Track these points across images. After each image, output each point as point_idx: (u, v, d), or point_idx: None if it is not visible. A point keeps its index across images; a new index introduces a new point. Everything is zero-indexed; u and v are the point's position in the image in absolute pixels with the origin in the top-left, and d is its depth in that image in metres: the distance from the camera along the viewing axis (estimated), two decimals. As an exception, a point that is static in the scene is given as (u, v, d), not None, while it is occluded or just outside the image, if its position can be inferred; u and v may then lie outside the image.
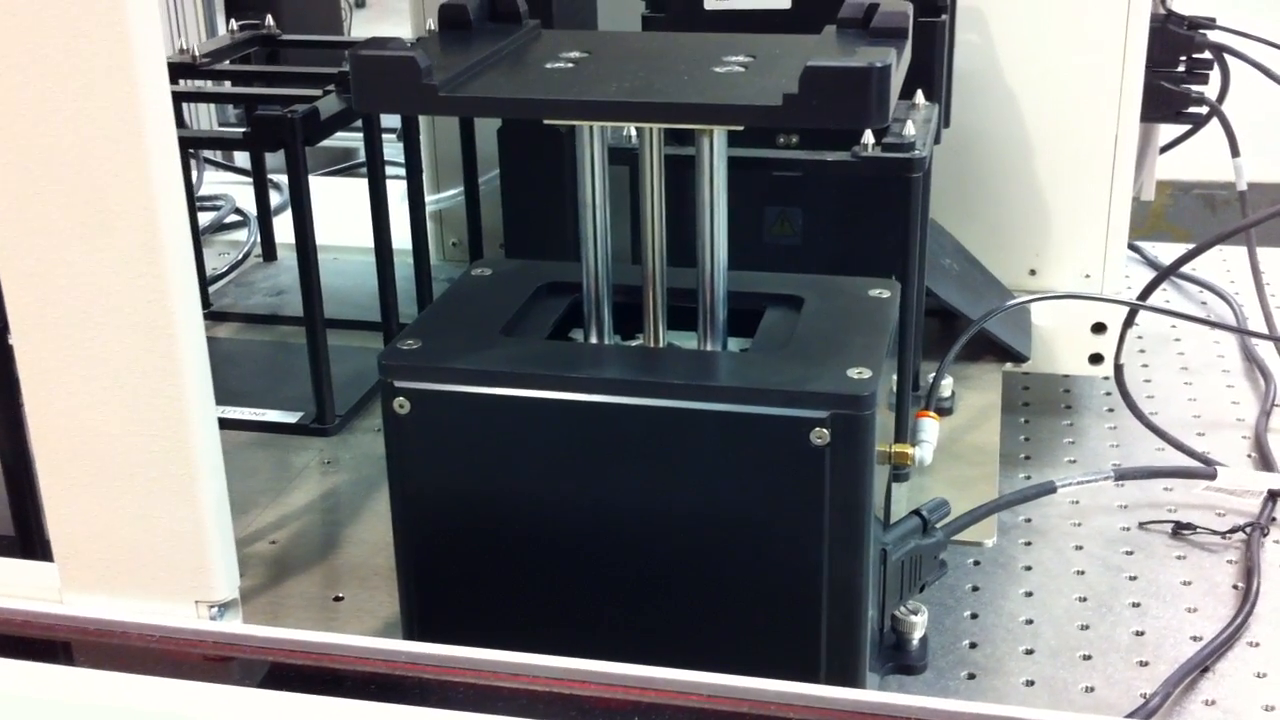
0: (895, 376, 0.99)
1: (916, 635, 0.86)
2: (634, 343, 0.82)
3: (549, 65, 0.75)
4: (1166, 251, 1.59)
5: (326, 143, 1.59)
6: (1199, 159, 1.58)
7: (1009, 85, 1.24)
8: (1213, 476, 1.08)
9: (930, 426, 1.06)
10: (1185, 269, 1.51)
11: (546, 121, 0.74)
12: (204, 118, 3.08)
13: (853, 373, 0.72)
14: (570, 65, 0.75)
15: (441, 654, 0.70)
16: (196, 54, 1.31)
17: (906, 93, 1.06)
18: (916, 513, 0.84)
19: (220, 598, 0.72)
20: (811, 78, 0.65)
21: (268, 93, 1.24)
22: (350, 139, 1.83)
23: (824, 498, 0.71)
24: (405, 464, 0.76)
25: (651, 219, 0.77)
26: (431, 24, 1.34)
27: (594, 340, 0.79)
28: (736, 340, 0.80)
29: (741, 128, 0.70)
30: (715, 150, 0.74)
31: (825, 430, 0.70)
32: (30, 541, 0.81)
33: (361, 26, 3.77)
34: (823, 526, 0.72)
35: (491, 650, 0.69)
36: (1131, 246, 1.57)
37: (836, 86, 0.65)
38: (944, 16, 1.09)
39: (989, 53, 1.23)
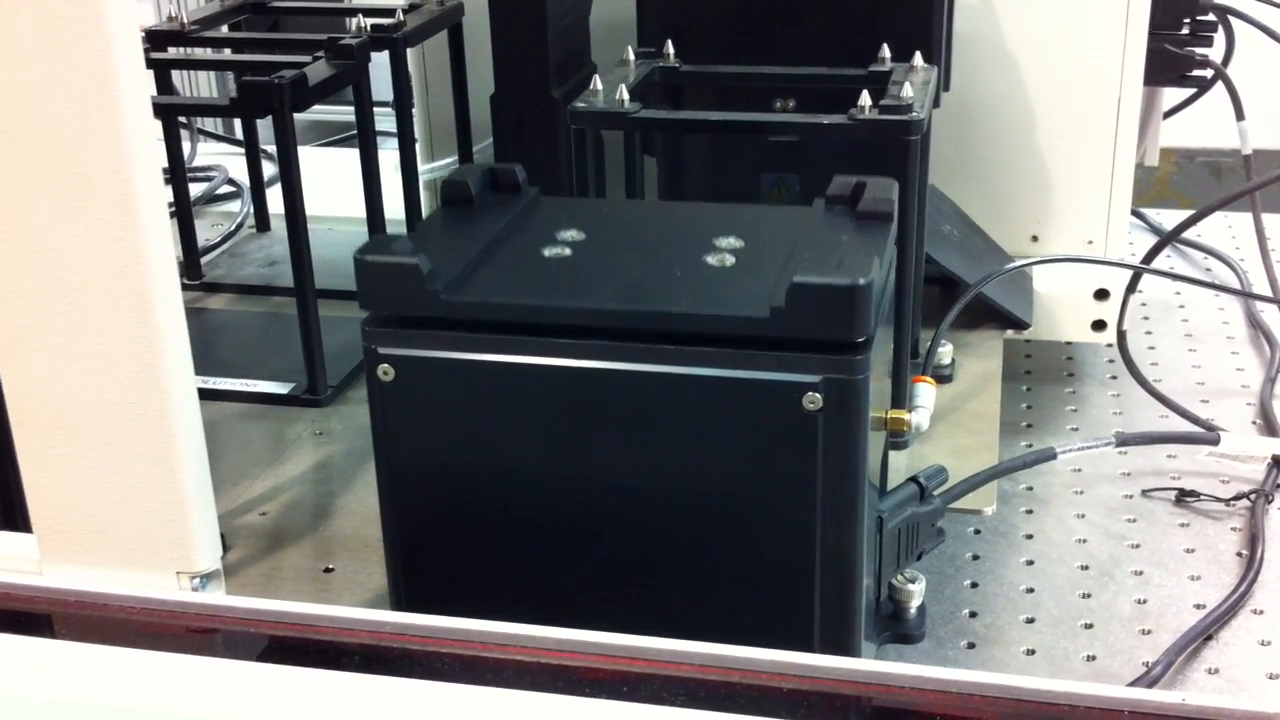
0: (891, 343, 0.97)
1: (914, 604, 0.84)
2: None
3: (547, 252, 0.77)
4: (1171, 218, 1.57)
5: (322, 115, 1.57)
6: (1204, 125, 1.56)
7: (1010, 48, 1.22)
8: (1216, 442, 1.06)
9: (926, 392, 1.04)
10: (1189, 235, 1.49)
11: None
12: (205, 88, 3.06)
13: (846, 336, 0.70)
14: (567, 252, 0.77)
15: (428, 625, 0.69)
16: (185, 21, 1.29)
17: (904, 55, 1.05)
18: (913, 480, 0.83)
19: (202, 569, 0.71)
20: (797, 293, 0.67)
21: (256, 59, 1.22)
22: (345, 112, 1.81)
23: (817, 464, 0.70)
24: (390, 432, 0.74)
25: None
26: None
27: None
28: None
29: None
30: None
31: (818, 395, 0.68)
32: (11, 512, 0.80)
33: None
34: (816, 493, 0.70)
35: (479, 621, 0.68)
36: (1135, 213, 1.55)
37: (822, 301, 0.67)
38: (943, -22, 1.07)
39: (990, 15, 1.21)
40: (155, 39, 1.29)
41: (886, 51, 1.05)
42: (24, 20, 0.63)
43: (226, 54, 1.40)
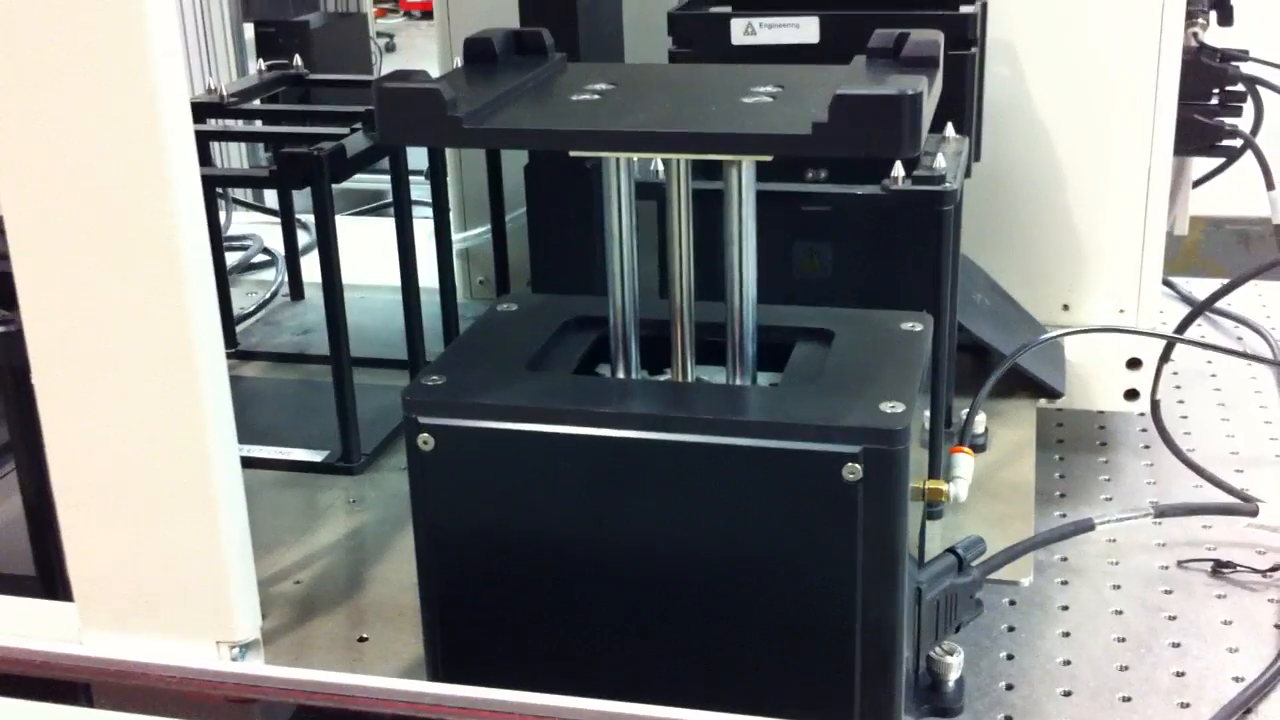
0: (928, 412, 0.97)
1: (952, 677, 0.84)
2: (662, 378, 0.81)
3: (575, 97, 0.75)
4: (1201, 287, 1.57)
5: (355, 184, 1.59)
6: (1233, 193, 1.56)
7: (1040, 119, 1.23)
8: (1253, 513, 1.06)
9: (964, 462, 1.04)
10: (1221, 304, 1.48)
11: (573, 154, 0.73)
12: (236, 158, 3.10)
13: (885, 407, 0.70)
14: (596, 97, 0.74)
15: (465, 695, 0.68)
16: (224, 93, 1.31)
17: (936, 125, 1.05)
18: (952, 550, 0.82)
19: (242, 638, 0.71)
20: (841, 106, 0.64)
21: (295, 131, 1.24)
22: (379, 180, 1.83)
23: (857, 535, 0.70)
24: (430, 501, 0.74)
25: (679, 250, 0.76)
26: (459, 64, 1.34)
27: (621, 375, 0.78)
28: (766, 375, 0.79)
29: (770, 158, 0.69)
30: (744, 182, 0.73)
31: (858, 465, 0.68)
32: (52, 581, 0.81)
33: (391, 70, 3.78)
34: (856, 564, 0.70)
35: (516, 692, 0.68)
36: (1166, 282, 1.55)
37: (867, 114, 0.64)
38: (974, 49, 1.08)
39: (1020, 86, 1.22)
40: (195, 111, 1.30)
41: (919, 122, 1.06)
42: (76, 97, 0.64)
43: (259, 125, 1.41)
